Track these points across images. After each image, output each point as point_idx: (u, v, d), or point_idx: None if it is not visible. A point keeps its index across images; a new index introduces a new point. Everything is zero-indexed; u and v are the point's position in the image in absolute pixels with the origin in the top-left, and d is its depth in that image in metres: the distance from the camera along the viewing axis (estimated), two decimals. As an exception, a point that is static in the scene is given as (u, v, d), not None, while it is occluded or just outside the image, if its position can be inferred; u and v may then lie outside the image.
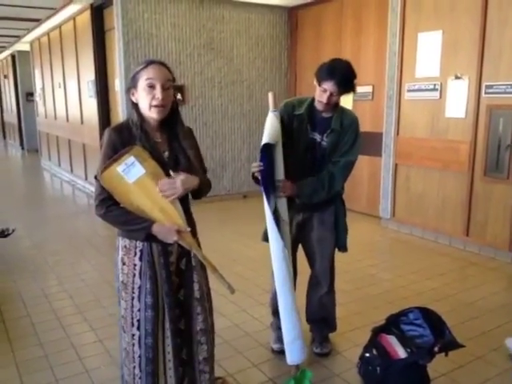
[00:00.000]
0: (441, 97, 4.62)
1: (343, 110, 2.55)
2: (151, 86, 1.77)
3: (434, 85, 4.65)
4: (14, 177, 10.19)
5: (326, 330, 2.84)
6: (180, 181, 1.78)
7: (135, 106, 1.84)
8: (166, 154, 1.87)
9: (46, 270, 4.19)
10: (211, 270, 1.89)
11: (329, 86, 2.35)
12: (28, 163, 11.99)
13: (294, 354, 2.38)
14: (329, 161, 2.48)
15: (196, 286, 1.95)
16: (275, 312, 2.67)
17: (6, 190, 8.19)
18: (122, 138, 1.79)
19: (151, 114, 1.81)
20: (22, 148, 13.77)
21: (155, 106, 1.78)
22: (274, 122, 2.36)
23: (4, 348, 2.86)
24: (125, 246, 1.88)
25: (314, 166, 2.50)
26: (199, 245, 2.01)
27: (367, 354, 2.47)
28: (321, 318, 2.80)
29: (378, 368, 2.38)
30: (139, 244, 1.85)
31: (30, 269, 4.22)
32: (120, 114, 6.24)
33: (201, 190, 1.94)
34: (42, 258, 4.51)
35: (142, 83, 1.78)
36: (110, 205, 1.79)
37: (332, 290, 2.76)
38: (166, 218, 1.80)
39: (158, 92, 1.77)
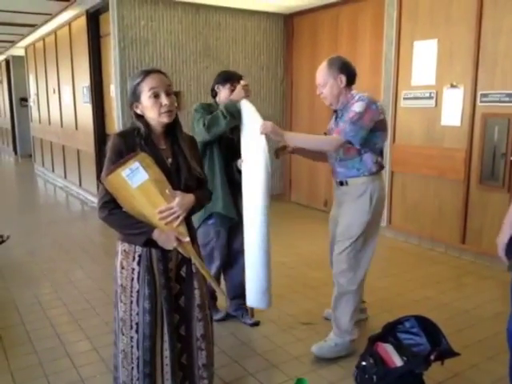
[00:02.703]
0: (436, 105, 4.65)
1: None
2: (156, 96, 1.81)
3: (430, 93, 4.68)
4: (7, 183, 10.12)
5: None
6: (177, 205, 1.82)
7: (141, 117, 1.87)
8: (170, 160, 1.91)
9: (39, 278, 4.16)
10: (208, 279, 1.94)
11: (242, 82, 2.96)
12: (21, 169, 11.92)
13: (255, 301, 2.91)
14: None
15: (197, 293, 1.97)
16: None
17: (0, 196, 8.12)
18: (126, 143, 1.83)
19: (162, 120, 1.85)
20: (16, 153, 13.69)
21: (166, 112, 1.84)
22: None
23: (-2, 356, 2.84)
24: (124, 251, 1.90)
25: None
26: (198, 252, 2.02)
27: (364, 363, 2.46)
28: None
29: (375, 376, 2.37)
30: (138, 249, 1.87)
31: (23, 276, 4.19)
32: (115, 119, 6.22)
33: (197, 207, 1.97)
34: (35, 265, 4.47)
35: (146, 94, 1.82)
36: (112, 208, 1.82)
37: None
38: (167, 225, 1.83)
39: (163, 99, 1.82)
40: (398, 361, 2.38)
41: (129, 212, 1.82)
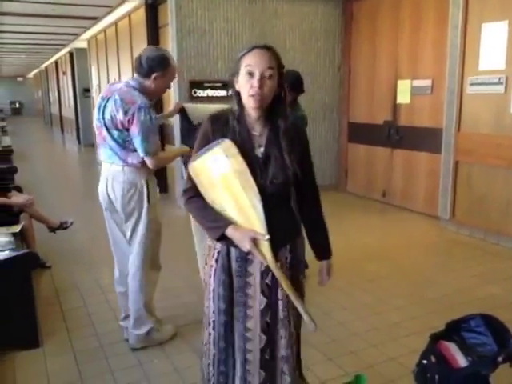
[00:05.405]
0: (506, 91, 4.37)
1: None
2: (250, 74, 1.63)
3: (499, 78, 4.40)
4: (72, 170, 10.59)
5: None
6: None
7: (238, 94, 1.69)
8: (262, 149, 1.71)
9: (100, 262, 4.30)
10: (291, 295, 1.68)
11: None
12: (84, 157, 12.42)
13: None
14: None
15: (280, 304, 1.75)
16: None
17: (64, 184, 8.51)
18: (215, 127, 1.71)
19: (248, 102, 1.66)
20: (79, 142, 14.27)
21: (251, 95, 1.64)
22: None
23: (63, 337, 2.97)
24: (209, 246, 1.83)
25: None
26: (287, 268, 1.77)
27: (425, 361, 2.36)
28: None
29: (437, 376, 2.27)
30: (218, 245, 1.75)
31: (85, 261, 4.36)
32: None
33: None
34: (96, 250, 4.64)
35: (243, 70, 1.65)
36: (191, 196, 1.74)
37: None
38: (245, 222, 1.65)
39: (254, 80, 1.62)
40: (462, 361, 2.27)
41: (209, 202, 1.69)
